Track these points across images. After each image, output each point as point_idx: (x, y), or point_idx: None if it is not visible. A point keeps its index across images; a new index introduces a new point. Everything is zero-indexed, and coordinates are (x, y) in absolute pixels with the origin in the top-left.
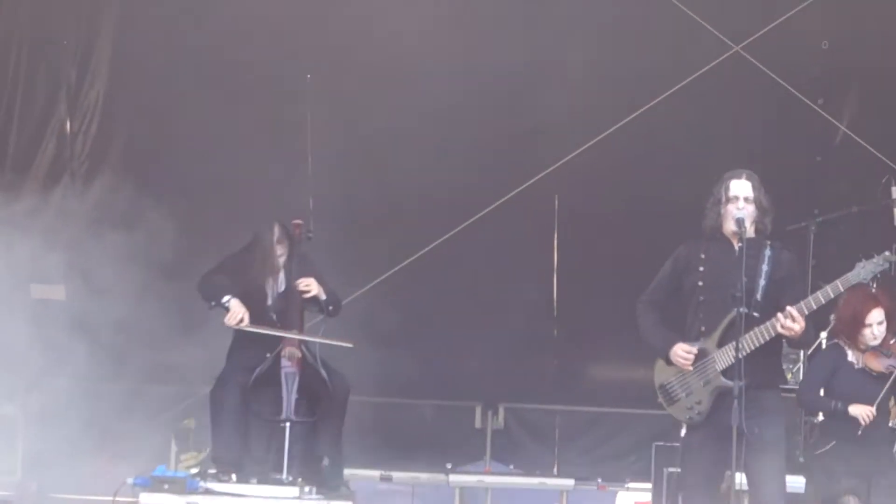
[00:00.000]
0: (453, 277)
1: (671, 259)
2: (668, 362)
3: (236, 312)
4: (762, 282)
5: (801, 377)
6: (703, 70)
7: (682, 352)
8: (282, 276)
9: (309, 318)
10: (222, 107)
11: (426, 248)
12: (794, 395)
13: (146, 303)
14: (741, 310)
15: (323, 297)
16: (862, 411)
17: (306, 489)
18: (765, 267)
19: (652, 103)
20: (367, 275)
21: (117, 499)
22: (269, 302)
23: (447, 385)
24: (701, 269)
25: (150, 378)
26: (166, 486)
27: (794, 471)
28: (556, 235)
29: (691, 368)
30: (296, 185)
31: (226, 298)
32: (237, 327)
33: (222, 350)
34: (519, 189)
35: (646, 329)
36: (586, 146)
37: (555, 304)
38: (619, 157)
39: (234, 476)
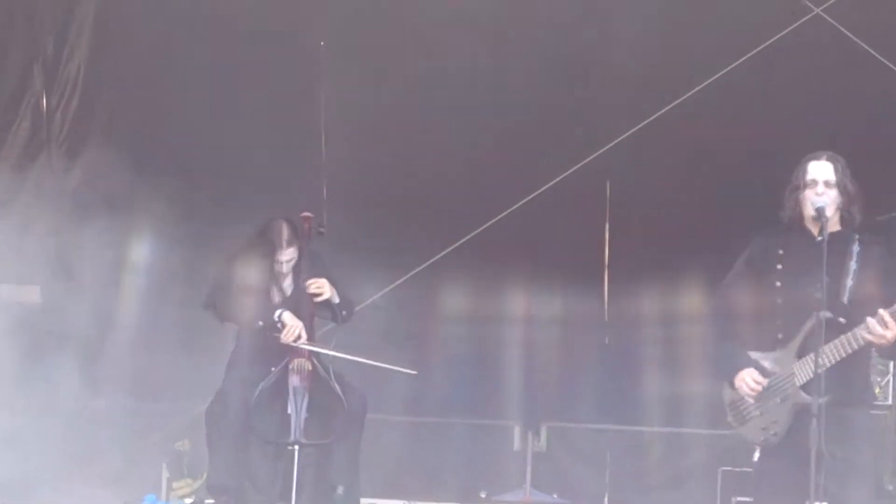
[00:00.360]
0: (487, 277)
1: (745, 254)
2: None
3: (293, 327)
4: (849, 282)
5: (890, 392)
6: (778, 36)
7: (751, 380)
8: (289, 277)
9: (319, 325)
10: (222, 79)
11: (455, 244)
12: (884, 412)
13: (134, 306)
14: (823, 314)
15: (336, 300)
16: None
17: None
18: (852, 264)
19: (718, 75)
20: (388, 275)
21: None
22: None
23: (480, 401)
24: (779, 266)
25: (137, 393)
26: None
27: (883, 500)
28: (607, 228)
29: (752, 401)
30: (307, 169)
31: (278, 312)
32: (297, 345)
33: (221, 361)
34: (564, 174)
35: (714, 341)
36: (643, 124)
37: (605, 307)
38: (682, 137)
39: None
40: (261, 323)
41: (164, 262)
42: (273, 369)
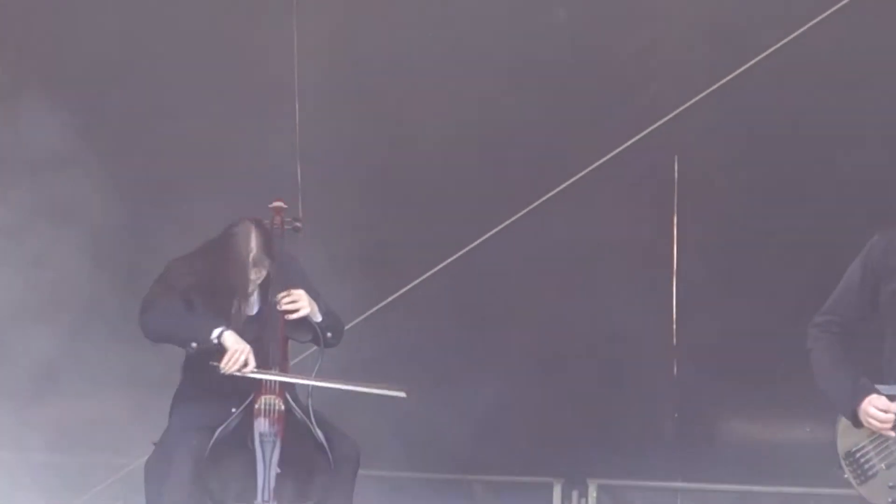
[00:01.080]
0: (517, 286)
1: (860, 258)
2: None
3: (237, 351)
4: None
5: None
6: None
7: (877, 410)
8: (256, 292)
9: (294, 350)
10: (170, 28)
11: (474, 243)
12: None
13: (56, 334)
14: None
15: (317, 317)
16: None
17: None
18: None
19: (814, 21)
20: (386, 283)
21: None
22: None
23: (510, 450)
24: None
25: (61, 444)
26: None
27: None
28: (675, 217)
29: (893, 434)
30: (276, 144)
31: (217, 332)
32: (242, 374)
33: (165, 400)
34: (620, 148)
35: (821, 370)
36: (719, 84)
37: (674, 324)
38: (768, 102)
39: None
40: (194, 344)
41: (92, 262)
42: (233, 410)
